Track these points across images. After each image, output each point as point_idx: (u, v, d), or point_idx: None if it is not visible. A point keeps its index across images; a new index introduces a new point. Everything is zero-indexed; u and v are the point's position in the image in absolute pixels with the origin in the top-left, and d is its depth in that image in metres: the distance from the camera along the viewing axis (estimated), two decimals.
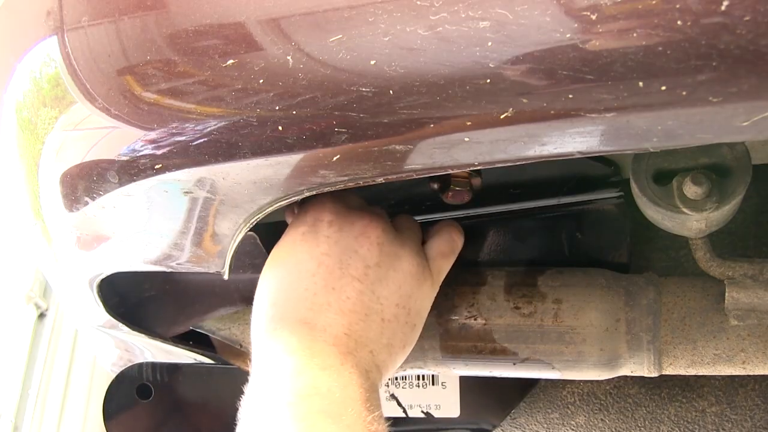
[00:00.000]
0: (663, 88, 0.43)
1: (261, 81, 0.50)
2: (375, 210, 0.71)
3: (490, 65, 0.45)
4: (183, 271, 0.69)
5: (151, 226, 0.64)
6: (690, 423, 0.98)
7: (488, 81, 0.46)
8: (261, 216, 0.61)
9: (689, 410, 0.98)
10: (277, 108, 0.51)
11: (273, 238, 0.71)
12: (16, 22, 0.62)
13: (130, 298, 0.84)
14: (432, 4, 0.45)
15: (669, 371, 0.77)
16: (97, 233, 0.67)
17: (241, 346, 0.85)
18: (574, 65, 0.44)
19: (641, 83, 0.43)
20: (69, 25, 0.56)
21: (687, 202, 0.65)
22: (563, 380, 1.02)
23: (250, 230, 0.63)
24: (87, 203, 0.63)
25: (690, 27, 0.41)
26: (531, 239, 0.88)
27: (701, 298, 0.76)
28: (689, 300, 0.76)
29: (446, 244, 0.74)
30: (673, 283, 0.77)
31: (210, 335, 0.87)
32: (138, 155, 0.57)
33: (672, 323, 0.75)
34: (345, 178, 0.55)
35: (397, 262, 0.68)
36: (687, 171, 0.66)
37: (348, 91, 0.49)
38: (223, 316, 0.87)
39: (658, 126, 0.46)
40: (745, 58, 0.41)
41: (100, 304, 0.78)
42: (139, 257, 0.68)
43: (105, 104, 0.56)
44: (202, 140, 0.54)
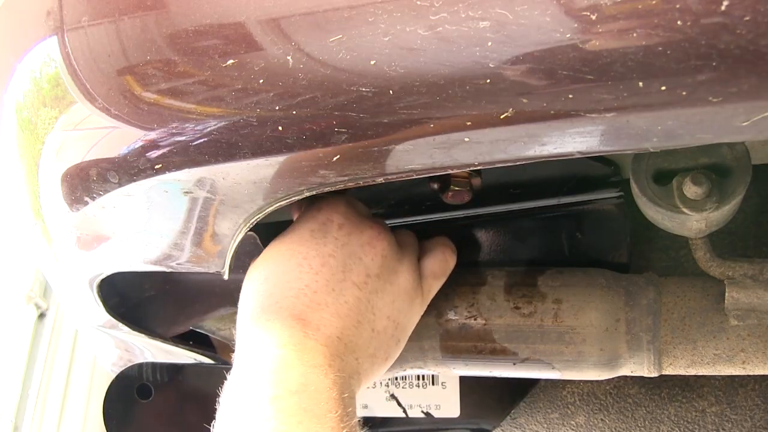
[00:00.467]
0: (663, 88, 0.43)
1: (261, 81, 0.50)
2: (382, 222, 0.73)
3: (490, 65, 0.45)
4: (183, 271, 0.69)
5: (151, 226, 0.64)
6: (690, 423, 0.98)
7: (488, 81, 0.46)
8: (261, 216, 0.61)
9: (689, 410, 0.98)
10: (277, 108, 0.51)
11: (273, 238, 0.71)
12: (16, 22, 0.62)
13: (130, 298, 0.84)
14: (432, 4, 0.45)
15: (669, 371, 0.77)
16: (97, 233, 0.67)
17: None
18: (574, 65, 0.44)
19: (641, 83, 0.43)
20: (69, 25, 0.56)
21: (687, 202, 0.65)
22: (563, 380, 1.02)
23: (250, 230, 0.63)
24: (87, 203, 0.63)
25: (690, 27, 0.41)
26: (531, 239, 0.88)
27: (701, 298, 0.76)
28: (689, 300, 0.76)
29: (439, 265, 0.75)
30: (673, 283, 0.77)
31: (210, 335, 0.88)
32: (138, 155, 0.57)
33: (672, 323, 0.75)
34: (345, 178, 0.55)
35: (395, 277, 0.70)
36: (687, 171, 0.66)
37: (348, 91, 0.49)
38: (223, 316, 0.87)
39: (658, 126, 0.46)
40: (745, 58, 0.41)
41: (100, 304, 0.78)
42: (139, 257, 0.68)
43: (105, 104, 0.56)
44: (202, 140, 0.54)
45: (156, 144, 0.56)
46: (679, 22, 0.41)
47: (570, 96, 0.45)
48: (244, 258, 0.70)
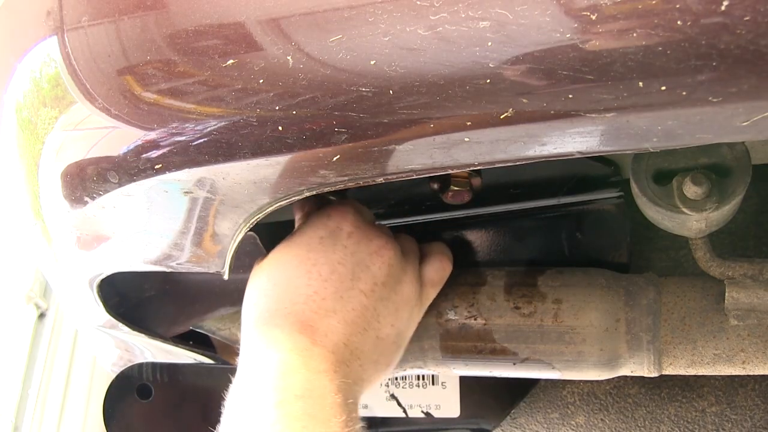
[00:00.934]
0: (663, 88, 0.43)
1: (261, 81, 0.50)
2: (388, 231, 0.73)
3: (490, 65, 0.45)
4: (183, 271, 0.69)
5: (151, 226, 0.64)
6: (690, 423, 0.98)
7: (488, 81, 0.46)
8: (261, 216, 0.61)
9: (689, 410, 0.98)
10: (277, 108, 0.51)
11: (273, 238, 0.71)
12: (16, 22, 0.62)
13: (130, 298, 0.84)
14: (432, 4, 0.45)
15: (669, 371, 0.77)
16: (97, 233, 0.67)
17: None
18: (574, 65, 0.44)
19: (641, 83, 0.43)
20: (69, 25, 0.56)
21: (687, 202, 0.65)
22: (563, 380, 1.02)
23: (250, 230, 0.63)
24: (87, 203, 0.63)
25: (690, 27, 0.41)
26: (531, 239, 0.88)
27: (701, 298, 0.76)
28: (689, 300, 0.76)
29: (437, 273, 0.76)
30: (673, 283, 0.77)
31: (210, 335, 0.87)
32: (138, 155, 0.57)
33: (672, 323, 0.75)
34: (345, 178, 0.55)
35: (399, 286, 0.71)
36: (687, 171, 0.66)
37: (348, 91, 0.49)
38: (223, 316, 0.87)
39: (658, 126, 0.46)
40: (745, 58, 0.41)
41: (100, 304, 0.78)
42: (139, 257, 0.68)
43: (105, 104, 0.56)
44: (202, 140, 0.54)
45: (156, 144, 0.56)
46: (679, 22, 0.41)
47: (570, 96, 0.45)
48: (244, 258, 0.70)
